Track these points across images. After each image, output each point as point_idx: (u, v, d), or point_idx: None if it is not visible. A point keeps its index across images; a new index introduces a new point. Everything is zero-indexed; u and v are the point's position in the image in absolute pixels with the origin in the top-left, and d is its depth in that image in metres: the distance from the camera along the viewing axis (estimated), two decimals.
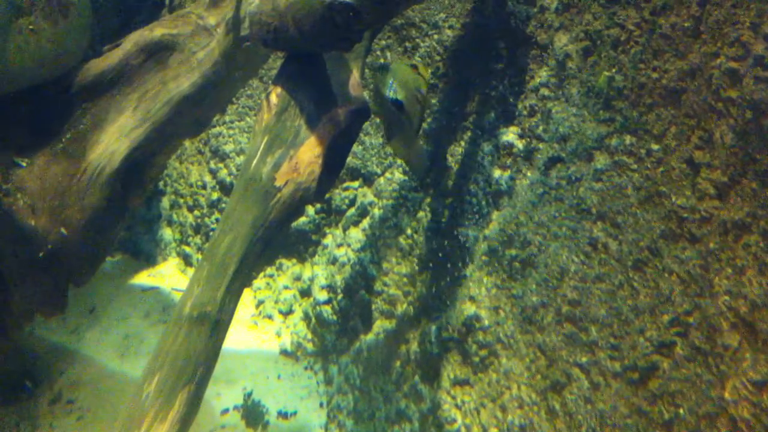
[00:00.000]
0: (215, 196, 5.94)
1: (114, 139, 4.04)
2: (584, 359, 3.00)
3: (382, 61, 4.87)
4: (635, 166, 3.00)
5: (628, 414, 2.73)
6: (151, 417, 3.13)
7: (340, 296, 5.02)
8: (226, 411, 4.78)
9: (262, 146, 3.68)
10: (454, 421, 3.69)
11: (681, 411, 2.53)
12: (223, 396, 4.86)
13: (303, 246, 5.53)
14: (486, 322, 3.62)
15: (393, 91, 3.36)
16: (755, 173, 2.45)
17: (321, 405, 4.93)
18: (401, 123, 3.44)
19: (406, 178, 4.70)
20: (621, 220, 3.01)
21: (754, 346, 2.32)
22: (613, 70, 3.21)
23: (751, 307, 2.35)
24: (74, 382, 4.77)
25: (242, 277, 3.52)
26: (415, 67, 3.57)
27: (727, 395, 2.37)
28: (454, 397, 3.74)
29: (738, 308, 2.40)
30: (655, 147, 2.92)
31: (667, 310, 2.69)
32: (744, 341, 2.36)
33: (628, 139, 3.07)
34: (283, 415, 4.82)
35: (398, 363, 4.32)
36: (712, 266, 2.54)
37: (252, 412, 4.76)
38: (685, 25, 2.82)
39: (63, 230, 3.86)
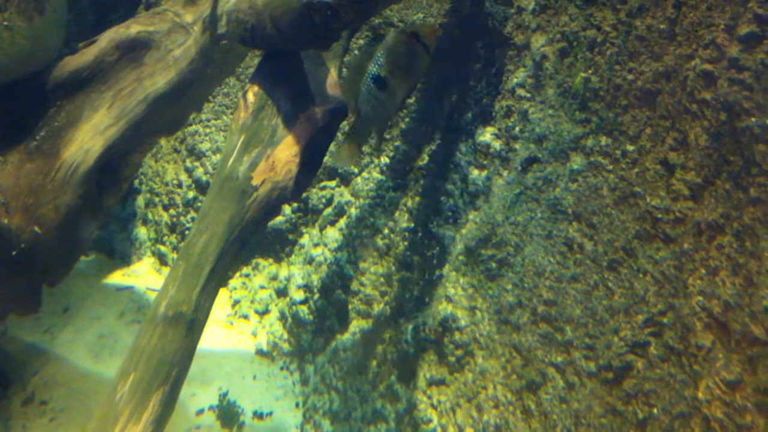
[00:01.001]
0: (191, 194, 5.91)
1: (89, 137, 4.00)
2: (559, 359, 3.01)
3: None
4: (611, 167, 3.02)
5: (602, 413, 2.75)
6: (125, 417, 3.11)
7: (316, 296, 5.01)
8: (201, 411, 4.76)
9: (238, 145, 3.67)
10: (430, 421, 3.70)
11: (655, 410, 2.55)
12: (198, 396, 4.83)
13: (279, 245, 5.51)
14: (462, 322, 3.63)
15: (378, 66, 3.27)
16: (729, 174, 2.47)
17: (297, 405, 4.92)
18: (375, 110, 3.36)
19: (384, 177, 4.70)
20: (596, 221, 3.03)
21: (727, 346, 2.34)
22: (590, 72, 3.22)
23: (725, 307, 2.37)
24: (47, 383, 4.72)
25: (218, 277, 3.50)
26: (415, 35, 3.44)
27: (700, 395, 2.39)
28: (430, 397, 3.75)
29: (711, 308, 2.42)
30: (630, 148, 2.94)
31: (641, 310, 2.70)
32: (717, 341, 2.38)
33: (603, 140, 3.09)
34: (259, 415, 4.79)
35: (374, 363, 4.31)
36: (686, 267, 2.56)
37: (227, 412, 4.73)
38: (661, 27, 2.84)
39: (37, 229, 3.82)
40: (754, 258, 2.30)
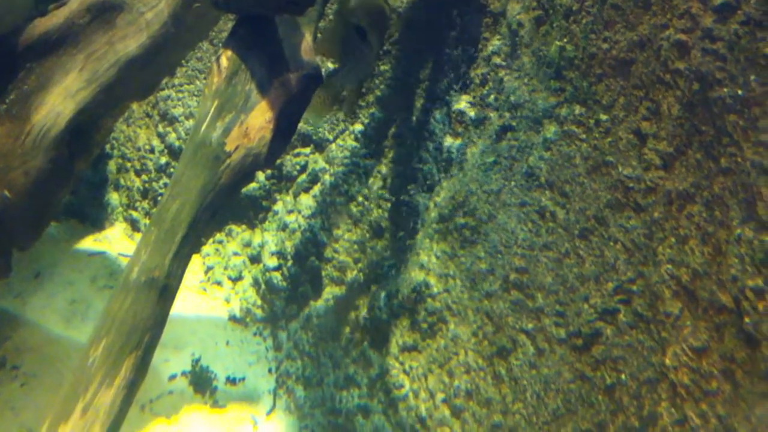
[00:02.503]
0: (164, 160, 5.86)
1: (59, 100, 3.95)
2: (530, 325, 3.05)
3: None
4: (584, 136, 3.03)
5: (571, 379, 2.79)
6: (98, 382, 3.11)
7: (290, 263, 5.01)
8: (173, 377, 4.76)
9: (212, 110, 3.64)
10: (402, 386, 3.73)
11: (623, 376, 2.59)
12: (170, 362, 4.83)
13: (253, 212, 5.49)
14: (435, 289, 3.66)
15: (357, 18, 3.21)
16: (700, 144, 2.49)
17: (270, 371, 4.94)
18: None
19: (358, 144, 4.69)
20: (569, 190, 3.05)
21: (695, 313, 2.37)
22: (565, 40, 3.22)
23: (693, 275, 2.40)
24: (19, 348, 4.69)
25: (191, 243, 3.49)
26: None
27: (667, 361, 2.43)
28: (402, 363, 3.78)
29: (680, 277, 2.45)
30: (603, 117, 2.95)
31: (611, 278, 2.74)
32: (685, 309, 2.42)
33: (577, 109, 3.10)
34: (232, 380, 4.81)
35: (347, 329, 4.34)
36: (656, 235, 2.59)
37: (200, 377, 4.74)
38: None
39: (6, 193, 3.78)
40: (723, 227, 2.33)
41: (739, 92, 2.36)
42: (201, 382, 4.72)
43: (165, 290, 3.35)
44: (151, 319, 3.30)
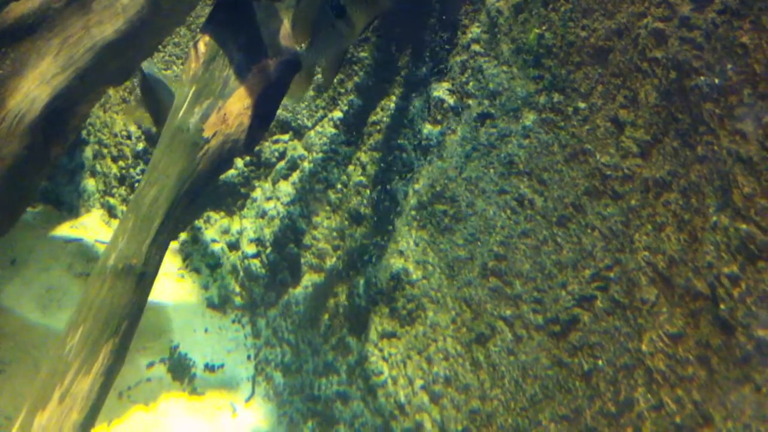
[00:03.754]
0: (140, 146, 5.82)
1: (35, 85, 3.91)
2: (508, 312, 3.07)
3: None
4: (562, 124, 3.05)
5: (549, 365, 2.81)
6: (75, 369, 3.09)
7: (268, 250, 5.00)
8: (152, 364, 4.75)
9: (189, 96, 3.62)
10: (381, 373, 3.74)
11: (600, 362, 2.61)
12: (148, 349, 4.82)
13: (231, 199, 5.47)
14: (414, 276, 3.67)
15: None
16: (677, 132, 2.51)
17: (249, 358, 4.94)
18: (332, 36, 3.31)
19: (337, 131, 4.68)
20: (547, 177, 3.06)
21: (671, 300, 2.40)
22: (543, 28, 3.23)
23: (669, 262, 2.42)
24: None
25: (168, 230, 3.47)
26: None
27: (644, 347, 2.45)
28: (381, 350, 3.79)
29: (656, 263, 2.47)
30: (581, 105, 2.96)
31: (588, 265, 2.76)
32: (661, 295, 2.44)
33: (556, 96, 3.11)
34: (210, 367, 4.81)
35: (326, 316, 4.34)
36: (633, 223, 2.61)
37: (178, 365, 4.74)
38: None
39: None
40: (699, 215, 2.36)
41: (716, 81, 2.38)
42: (179, 369, 4.72)
43: (142, 277, 3.33)
44: (129, 306, 3.28)
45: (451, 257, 3.46)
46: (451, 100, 3.82)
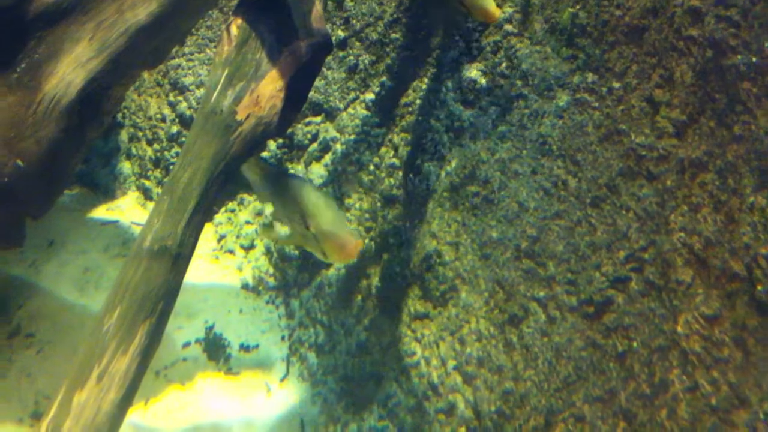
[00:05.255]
0: (175, 129, 5.86)
1: (70, 69, 3.94)
2: (541, 293, 3.06)
3: None
4: (596, 104, 3.02)
5: (582, 347, 2.80)
6: (112, 349, 3.14)
7: None
8: (187, 344, 4.81)
9: (222, 79, 3.63)
10: (414, 353, 3.76)
11: (634, 344, 2.60)
12: (184, 329, 4.88)
13: None
14: (446, 258, 3.67)
15: None
16: (713, 112, 2.48)
17: (282, 338, 4.97)
18: None
19: (369, 113, 4.68)
20: (581, 158, 3.04)
21: (707, 281, 2.38)
22: (577, 7, 3.19)
23: (705, 243, 2.40)
24: (33, 316, 4.74)
25: (203, 211, 3.50)
26: None
27: (679, 329, 2.44)
28: (414, 331, 3.80)
29: (692, 245, 2.45)
30: (616, 85, 2.94)
31: (623, 246, 2.74)
32: (697, 277, 2.42)
33: (590, 76, 3.08)
34: (245, 347, 4.85)
35: (359, 297, 4.36)
36: (668, 204, 2.58)
37: (213, 345, 4.79)
38: None
39: (19, 162, 3.79)
40: (735, 195, 2.33)
41: (753, 59, 2.35)
42: (214, 349, 4.77)
43: (178, 258, 3.37)
44: (164, 286, 3.32)
45: (484, 239, 3.46)
46: (483, 81, 3.79)
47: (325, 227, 3.19)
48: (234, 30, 3.65)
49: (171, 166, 5.76)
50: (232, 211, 5.71)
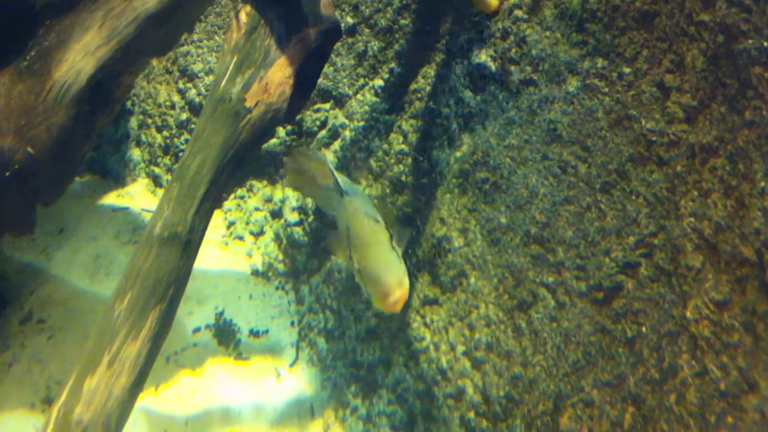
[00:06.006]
0: (184, 116, 5.87)
1: (80, 57, 3.95)
2: (551, 279, 3.06)
3: None
4: (606, 90, 3.01)
5: (591, 332, 2.80)
6: (123, 335, 3.17)
7: (311, 218, 5.04)
8: (197, 330, 4.83)
9: (231, 66, 3.64)
10: (423, 339, 3.77)
11: (644, 329, 2.60)
12: (194, 315, 4.90)
13: (274, 168, 5.51)
14: (455, 244, 3.67)
15: None
16: (724, 97, 2.47)
17: (292, 324, 4.99)
18: None
19: (378, 100, 4.67)
20: (590, 144, 3.03)
21: (717, 267, 2.38)
22: None
23: (715, 228, 2.40)
24: (45, 302, 4.77)
25: (212, 198, 3.52)
26: None
27: (688, 314, 2.44)
28: (423, 316, 3.81)
29: (702, 230, 2.45)
30: (626, 70, 2.93)
31: (632, 231, 2.74)
32: (707, 262, 2.42)
33: (600, 62, 3.07)
34: (255, 333, 4.88)
35: None
36: (679, 189, 2.58)
37: (224, 330, 4.81)
38: None
39: (29, 149, 3.81)
40: (746, 180, 2.32)
41: (765, 44, 2.34)
42: (225, 334, 4.80)
43: (188, 244, 3.39)
44: (175, 272, 3.34)
45: (493, 224, 3.46)
46: (492, 67, 3.78)
47: (369, 269, 2.76)
48: (243, 17, 3.65)
49: (180, 153, 5.76)
50: (242, 197, 5.72)
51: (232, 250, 5.56)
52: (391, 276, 2.68)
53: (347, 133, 4.86)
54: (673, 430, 2.40)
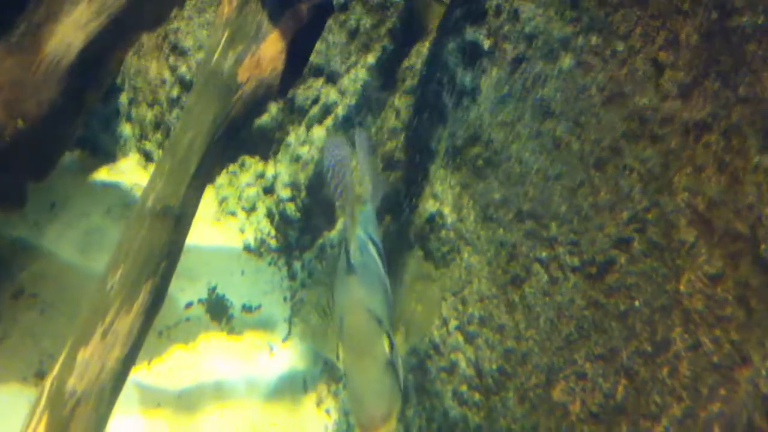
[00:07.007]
0: (175, 92, 5.85)
1: (70, 31, 3.93)
2: (544, 254, 3.08)
3: None
4: (600, 67, 3.01)
5: (584, 306, 2.82)
6: (116, 308, 3.18)
7: (303, 194, 5.04)
8: (190, 305, 4.84)
9: (223, 40, 3.63)
10: (416, 313, 3.78)
11: (636, 303, 2.62)
12: (186, 290, 4.91)
13: (266, 144, 5.50)
14: (449, 219, 3.68)
15: None
16: (718, 74, 2.48)
17: (285, 299, 5.01)
18: None
19: (371, 77, 4.66)
20: (584, 120, 3.04)
21: (710, 241, 2.40)
22: None
23: (709, 203, 2.42)
24: (36, 277, 4.77)
25: (204, 172, 3.52)
26: None
27: (682, 288, 2.46)
28: (416, 292, 3.83)
29: (696, 205, 2.46)
30: (620, 47, 2.93)
31: (626, 207, 2.75)
32: (700, 237, 2.44)
33: (593, 39, 3.07)
34: (247, 308, 4.89)
35: None
36: (672, 165, 2.59)
37: (216, 305, 4.83)
38: None
39: (20, 123, 3.79)
40: (739, 156, 2.34)
41: (759, 21, 2.35)
42: (217, 309, 4.81)
43: (180, 218, 3.39)
44: (167, 246, 3.35)
45: (486, 200, 3.47)
46: (485, 44, 3.78)
47: (356, 388, 2.32)
48: None
49: (171, 129, 5.75)
50: (234, 173, 5.72)
51: (225, 226, 5.56)
52: (378, 406, 2.24)
53: (339, 110, 4.86)
54: (666, 402, 2.43)
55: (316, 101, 5.09)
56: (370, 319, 2.48)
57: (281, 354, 4.61)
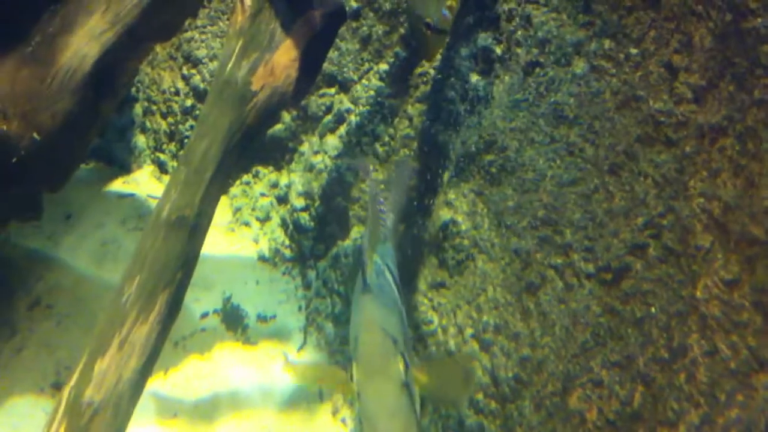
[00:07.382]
0: (189, 102, 5.87)
1: (84, 42, 3.95)
2: (559, 261, 3.06)
3: None
4: (613, 71, 3.00)
5: (600, 313, 2.81)
6: (133, 318, 3.18)
7: (317, 203, 5.04)
8: (205, 315, 4.84)
9: (236, 49, 3.64)
10: (431, 322, 3.77)
11: (653, 309, 2.60)
12: (202, 300, 4.91)
13: (279, 153, 5.50)
14: (462, 227, 3.67)
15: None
16: (733, 76, 2.46)
17: (299, 309, 5.00)
18: None
19: (383, 84, 4.66)
20: (598, 125, 3.02)
21: (726, 246, 2.38)
22: None
23: (725, 208, 2.40)
24: (52, 288, 4.78)
25: (219, 182, 3.52)
26: None
27: (698, 294, 2.44)
28: (431, 299, 3.82)
29: (712, 210, 2.44)
30: (633, 51, 2.91)
31: (641, 212, 2.73)
32: (716, 242, 2.42)
33: (607, 43, 3.06)
34: (263, 318, 4.89)
35: None
36: (688, 169, 2.57)
37: (231, 315, 4.82)
38: None
39: (35, 135, 3.81)
40: (755, 160, 2.32)
41: None
42: (232, 319, 4.81)
43: (195, 228, 3.39)
44: (183, 256, 3.35)
45: (500, 207, 3.46)
46: (498, 50, 3.77)
47: (369, 412, 2.27)
48: (248, 0, 3.64)
49: (186, 140, 5.77)
50: (247, 183, 5.73)
51: (239, 236, 5.57)
52: (392, 427, 2.21)
53: (353, 118, 4.86)
54: (683, 408, 2.41)
55: (329, 109, 5.10)
56: (386, 338, 2.44)
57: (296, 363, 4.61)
